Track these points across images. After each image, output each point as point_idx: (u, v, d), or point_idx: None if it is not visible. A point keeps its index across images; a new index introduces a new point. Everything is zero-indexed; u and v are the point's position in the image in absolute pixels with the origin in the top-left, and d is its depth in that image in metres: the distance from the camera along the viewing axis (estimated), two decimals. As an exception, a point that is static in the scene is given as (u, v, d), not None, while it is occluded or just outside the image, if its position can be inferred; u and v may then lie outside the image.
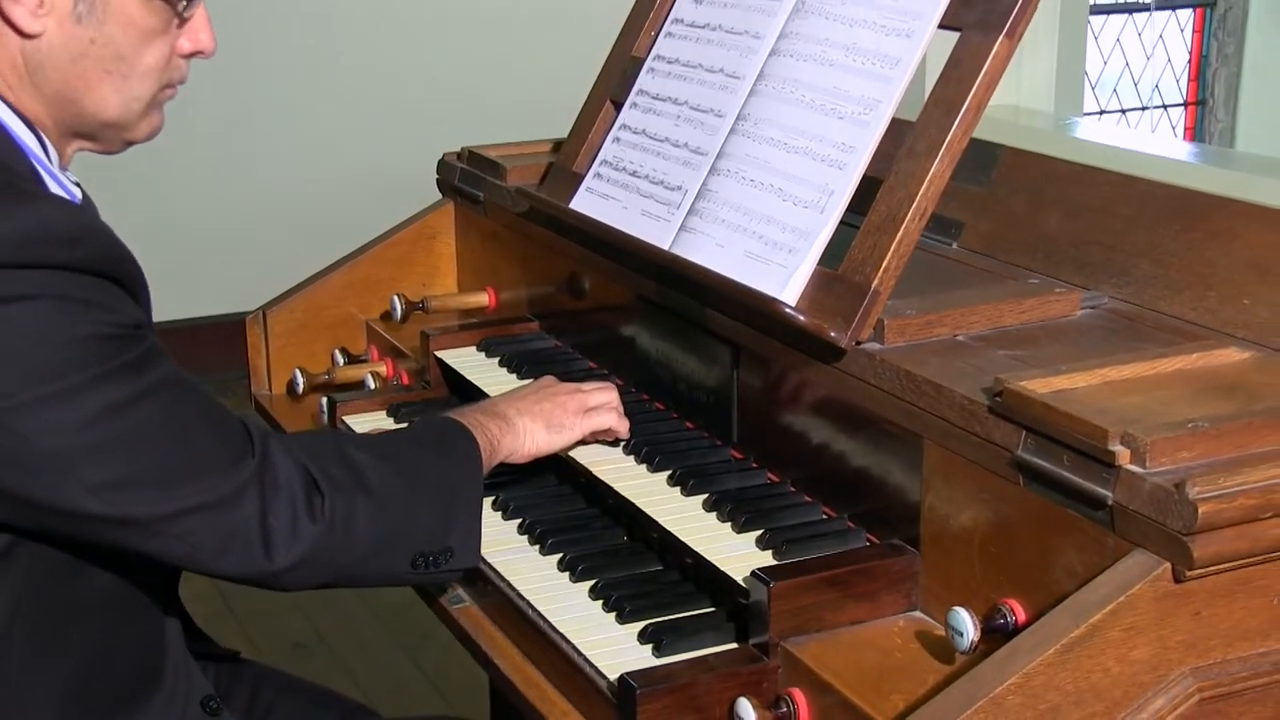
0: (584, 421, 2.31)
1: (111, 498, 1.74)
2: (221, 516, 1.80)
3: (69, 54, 1.85)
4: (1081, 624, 1.55)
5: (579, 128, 2.69)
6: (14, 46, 1.83)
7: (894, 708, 1.72)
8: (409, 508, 1.97)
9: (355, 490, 1.91)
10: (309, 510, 1.86)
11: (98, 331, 1.73)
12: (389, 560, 1.95)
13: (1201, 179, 2.07)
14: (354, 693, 2.73)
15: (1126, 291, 2.14)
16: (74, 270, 1.72)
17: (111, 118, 1.93)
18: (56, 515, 1.75)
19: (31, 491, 1.73)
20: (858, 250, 2.04)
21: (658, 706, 1.80)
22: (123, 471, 1.75)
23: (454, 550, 2.01)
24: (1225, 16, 7.86)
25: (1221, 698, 1.62)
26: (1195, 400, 1.73)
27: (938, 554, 1.92)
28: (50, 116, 1.90)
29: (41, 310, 1.69)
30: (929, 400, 1.88)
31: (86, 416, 1.71)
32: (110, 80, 1.89)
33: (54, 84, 1.87)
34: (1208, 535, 1.55)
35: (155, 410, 1.77)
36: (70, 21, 1.83)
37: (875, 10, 2.15)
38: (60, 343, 1.70)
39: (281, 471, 1.85)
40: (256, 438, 1.87)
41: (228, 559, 1.82)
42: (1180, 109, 7.99)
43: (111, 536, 1.79)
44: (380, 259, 3.14)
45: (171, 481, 1.77)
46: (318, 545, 1.86)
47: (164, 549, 1.80)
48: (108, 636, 1.95)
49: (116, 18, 1.86)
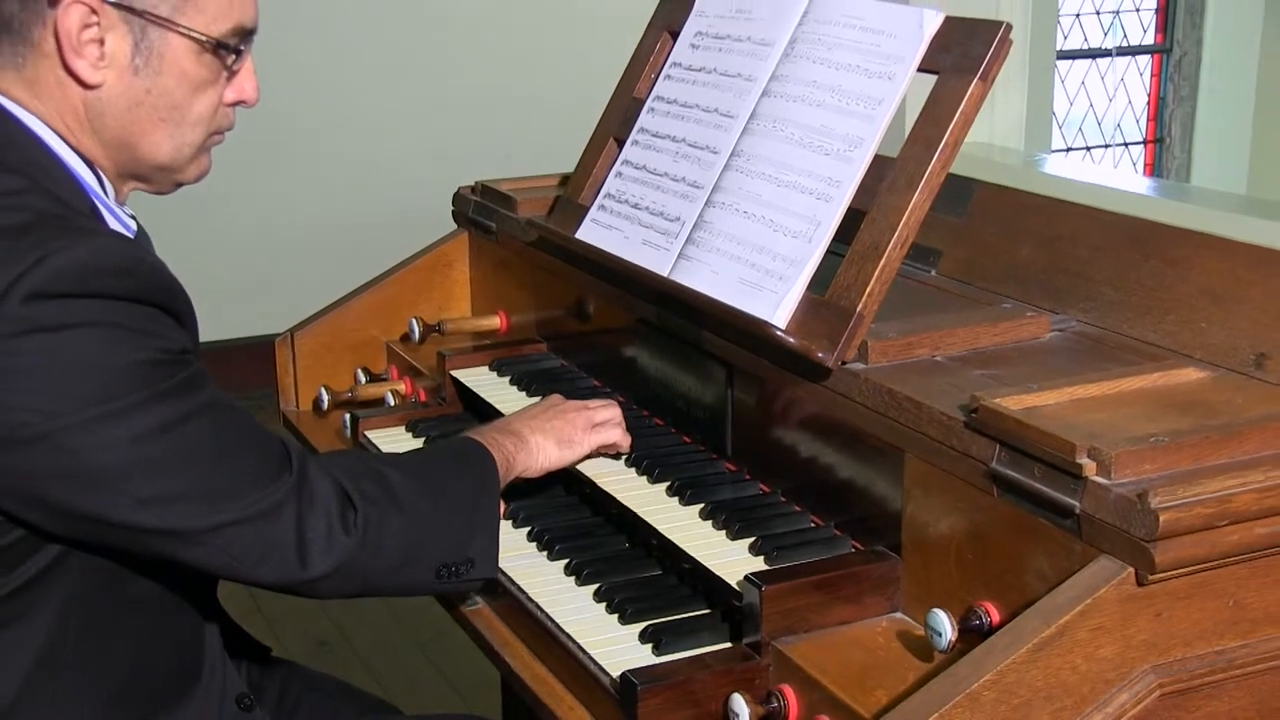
0: (591, 437, 2.31)
1: (159, 511, 1.74)
2: (261, 529, 1.80)
3: (127, 102, 1.86)
4: (1051, 624, 1.55)
5: (584, 163, 2.69)
6: (76, 96, 1.84)
7: (877, 703, 1.71)
8: (434, 522, 1.97)
9: (386, 505, 1.90)
10: (343, 523, 1.85)
11: (147, 357, 1.73)
12: (415, 571, 1.95)
13: (1160, 211, 2.07)
14: (374, 688, 2.72)
15: (1092, 315, 2.14)
16: (126, 300, 1.72)
17: (164, 161, 1.93)
18: (107, 527, 1.75)
19: (84, 505, 1.72)
20: (843, 277, 2.04)
21: (657, 702, 1.80)
22: (170, 487, 1.74)
23: (475, 561, 2.01)
24: (1180, 62, 7.89)
25: (1180, 693, 1.62)
26: (1156, 417, 1.73)
27: (918, 559, 1.91)
28: (108, 159, 1.90)
29: (95, 337, 1.69)
30: (909, 416, 1.88)
31: (136, 435, 1.71)
32: (164, 127, 1.90)
33: (112, 130, 1.87)
34: (1168, 542, 1.55)
35: (200, 430, 1.77)
36: (129, 73, 1.85)
37: (859, 54, 2.15)
38: (112, 367, 1.70)
39: (318, 487, 1.85)
40: (295, 456, 1.86)
41: (266, 568, 1.82)
42: (1140, 146, 8.00)
43: (158, 547, 1.78)
44: (399, 285, 3.13)
45: (215, 496, 1.77)
46: (350, 556, 1.85)
47: (206, 559, 1.80)
48: (151, 638, 1.95)
49: (171, 70, 1.86)
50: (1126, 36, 7.87)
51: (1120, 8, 7.82)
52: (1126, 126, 7.98)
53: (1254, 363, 1.90)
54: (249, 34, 1.93)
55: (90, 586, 1.84)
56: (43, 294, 1.65)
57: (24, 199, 1.75)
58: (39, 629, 1.82)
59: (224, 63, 1.91)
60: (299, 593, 1.88)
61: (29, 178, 1.79)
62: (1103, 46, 7.82)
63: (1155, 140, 8.06)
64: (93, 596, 1.85)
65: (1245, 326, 1.94)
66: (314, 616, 4.48)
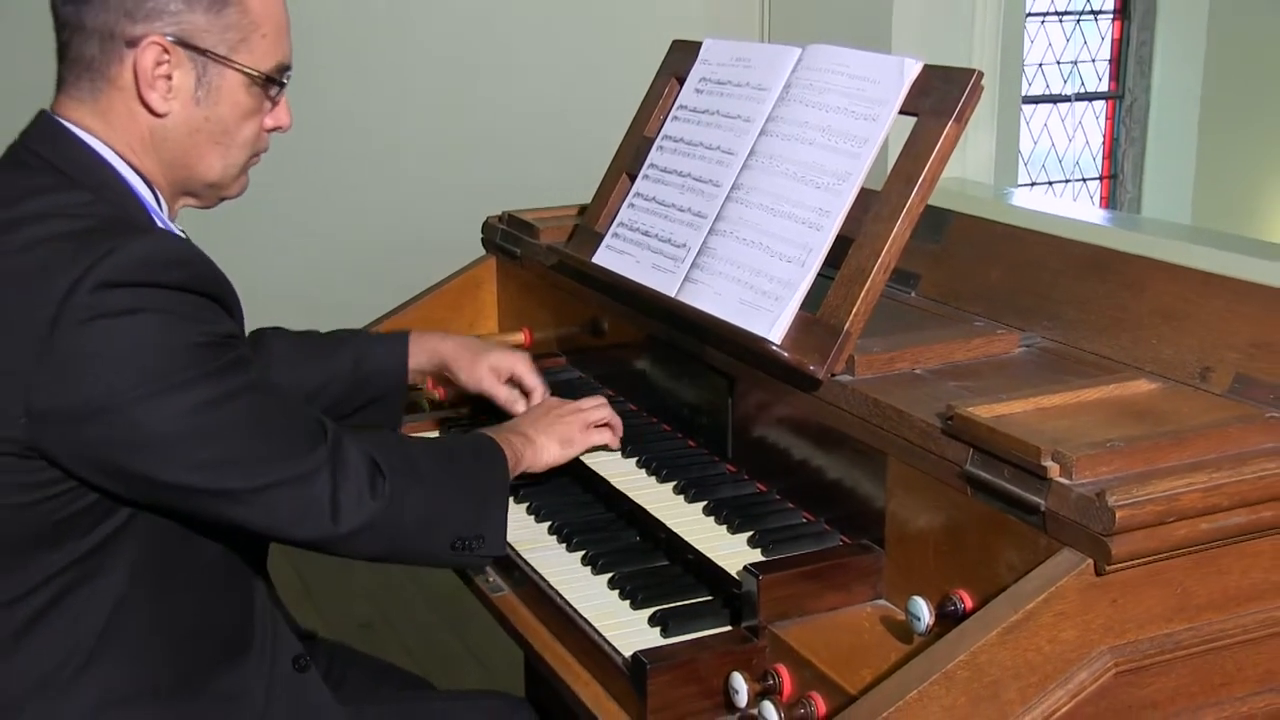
0: (587, 436, 2.37)
1: (210, 474, 1.79)
2: (300, 490, 1.85)
3: (187, 129, 1.93)
4: (1019, 610, 1.55)
5: (600, 195, 2.69)
6: (144, 123, 1.91)
7: (862, 680, 1.70)
8: (452, 497, 2.01)
9: (410, 476, 1.95)
10: (371, 488, 1.90)
11: (199, 340, 1.77)
12: (433, 538, 1.99)
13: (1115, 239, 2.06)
14: (410, 665, 2.71)
15: (1055, 333, 2.13)
16: (181, 289, 1.77)
17: (214, 179, 2.00)
18: (164, 488, 1.79)
19: (145, 469, 1.76)
20: (832, 298, 2.03)
21: (665, 679, 1.79)
22: (219, 452, 1.79)
23: (485, 537, 2.04)
24: (1131, 108, 7.90)
25: (1133, 671, 1.61)
26: (1113, 424, 1.72)
27: (899, 552, 1.91)
28: (165, 177, 1.96)
29: (155, 321, 1.74)
30: (892, 423, 1.87)
31: (190, 407, 1.76)
32: (217, 150, 1.97)
33: (173, 152, 1.94)
34: (1123, 536, 1.54)
35: (246, 404, 1.82)
36: (191, 103, 1.92)
37: (846, 98, 2.15)
38: (170, 348, 1.75)
39: (350, 455, 1.90)
40: (330, 429, 1.91)
41: (302, 526, 1.86)
42: (1096, 182, 7.98)
43: (208, 506, 1.83)
44: (435, 304, 3.13)
45: (259, 461, 1.82)
46: (376, 517, 1.90)
47: (249, 517, 1.84)
48: (209, 597, 1.97)
49: (225, 100, 1.94)
50: (1084, 84, 7.88)
51: (1078, 58, 7.84)
52: (1084, 164, 7.98)
53: (1200, 375, 1.90)
54: (287, 70, 2.01)
55: (156, 547, 1.88)
56: (110, 283, 1.70)
57: (92, 208, 1.83)
58: (115, 583, 1.85)
59: (267, 94, 1.99)
60: (332, 549, 1.91)
61: (96, 193, 1.86)
62: (1063, 93, 7.83)
63: (1110, 176, 8.05)
64: (159, 556, 1.89)
65: (1192, 343, 1.94)
66: (357, 601, 4.47)
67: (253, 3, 1.94)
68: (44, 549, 1.81)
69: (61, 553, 1.82)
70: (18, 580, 1.81)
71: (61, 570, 1.82)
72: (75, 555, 1.82)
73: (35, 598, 1.82)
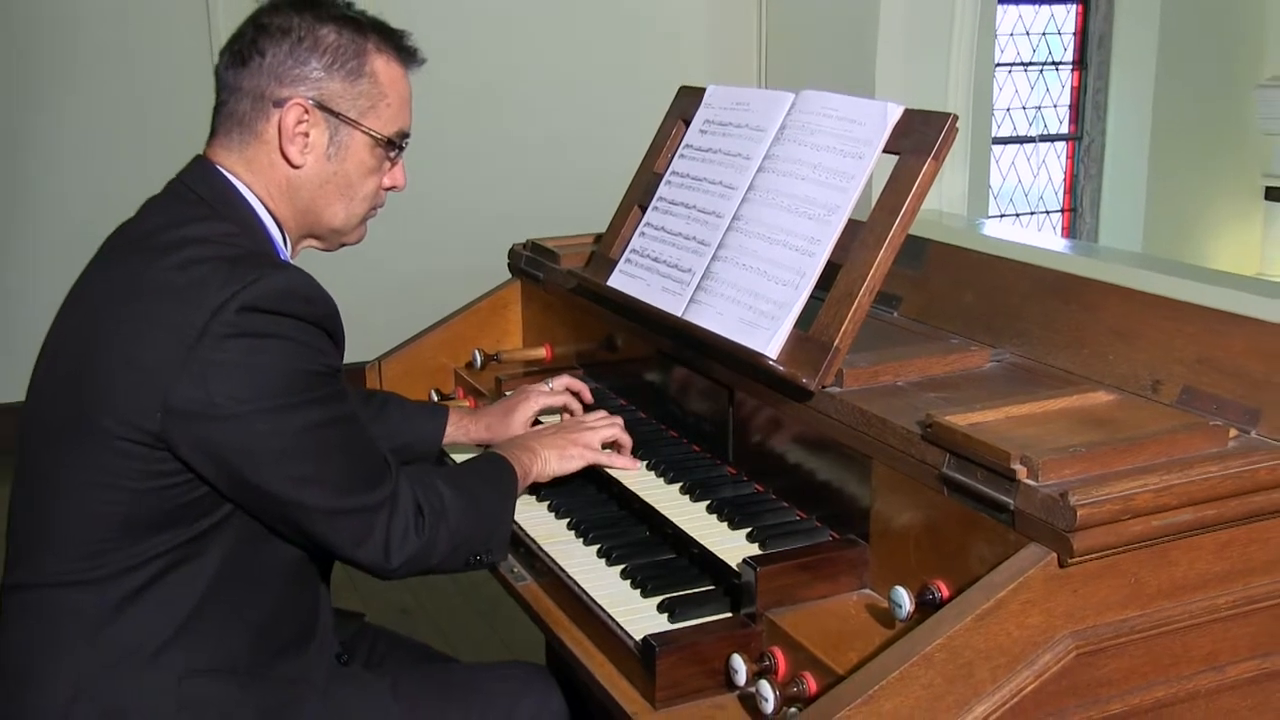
0: (588, 453, 2.36)
1: (299, 488, 1.82)
2: (363, 520, 1.88)
3: (318, 180, 1.99)
4: (990, 599, 1.54)
5: (614, 225, 2.69)
6: (282, 173, 1.97)
7: (849, 661, 1.70)
8: (473, 528, 2.03)
9: (442, 516, 1.98)
10: (416, 528, 1.93)
11: (315, 369, 1.82)
12: (455, 560, 2.02)
13: (1075, 266, 2.06)
14: (444, 647, 2.71)
15: (1023, 349, 2.13)
16: (306, 321, 1.81)
17: (337, 226, 2.05)
18: (255, 491, 1.82)
19: (244, 469, 1.80)
20: (823, 317, 2.03)
21: (672, 660, 1.79)
22: (312, 471, 1.83)
23: (492, 551, 2.08)
24: (1089, 148, 7.91)
25: (1091, 653, 1.61)
26: (1074, 431, 1.72)
27: (883, 546, 1.90)
28: (295, 220, 2.02)
29: (283, 347, 1.79)
30: (877, 430, 1.87)
31: (298, 427, 1.80)
32: (342, 201, 2.03)
33: (304, 200, 2.00)
34: (1084, 532, 1.54)
35: (339, 433, 1.86)
36: (323, 159, 1.98)
37: (835, 139, 2.15)
38: (291, 372, 1.79)
39: (403, 498, 1.93)
40: (393, 468, 1.94)
41: (359, 551, 1.90)
42: (1058, 214, 7.98)
43: (290, 515, 1.85)
44: (465, 323, 3.13)
45: (340, 486, 1.85)
46: (415, 553, 1.94)
47: (317, 532, 1.87)
48: (285, 593, 1.99)
49: (352, 158, 2.00)
50: (1047, 127, 7.90)
51: (1041, 104, 7.86)
52: (1047, 198, 7.98)
53: (1151, 388, 1.89)
54: (406, 136, 2.06)
55: (245, 544, 1.90)
56: (253, 307, 1.76)
57: (238, 240, 1.89)
58: (206, 569, 1.88)
59: (388, 155, 2.04)
60: (376, 575, 1.95)
61: (240, 227, 1.92)
62: (1028, 134, 7.85)
63: (1070, 209, 8.06)
64: (246, 552, 1.91)
65: (1144, 358, 1.93)
66: (397, 589, 4.46)
67: (382, 76, 2.00)
68: (154, 531, 1.84)
69: (168, 536, 1.85)
70: (127, 555, 1.84)
71: (165, 552, 1.85)
72: (178, 540, 1.85)
73: (139, 573, 1.85)
